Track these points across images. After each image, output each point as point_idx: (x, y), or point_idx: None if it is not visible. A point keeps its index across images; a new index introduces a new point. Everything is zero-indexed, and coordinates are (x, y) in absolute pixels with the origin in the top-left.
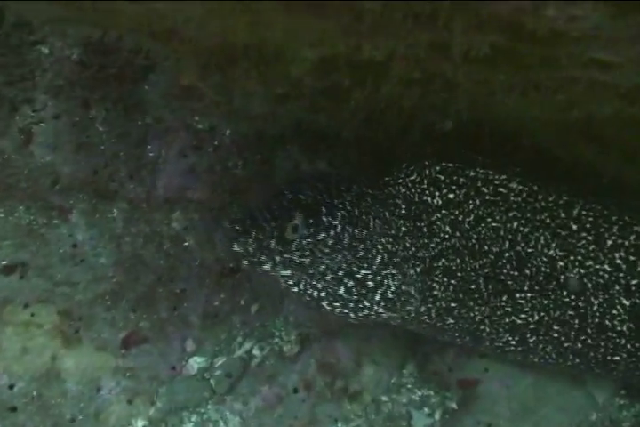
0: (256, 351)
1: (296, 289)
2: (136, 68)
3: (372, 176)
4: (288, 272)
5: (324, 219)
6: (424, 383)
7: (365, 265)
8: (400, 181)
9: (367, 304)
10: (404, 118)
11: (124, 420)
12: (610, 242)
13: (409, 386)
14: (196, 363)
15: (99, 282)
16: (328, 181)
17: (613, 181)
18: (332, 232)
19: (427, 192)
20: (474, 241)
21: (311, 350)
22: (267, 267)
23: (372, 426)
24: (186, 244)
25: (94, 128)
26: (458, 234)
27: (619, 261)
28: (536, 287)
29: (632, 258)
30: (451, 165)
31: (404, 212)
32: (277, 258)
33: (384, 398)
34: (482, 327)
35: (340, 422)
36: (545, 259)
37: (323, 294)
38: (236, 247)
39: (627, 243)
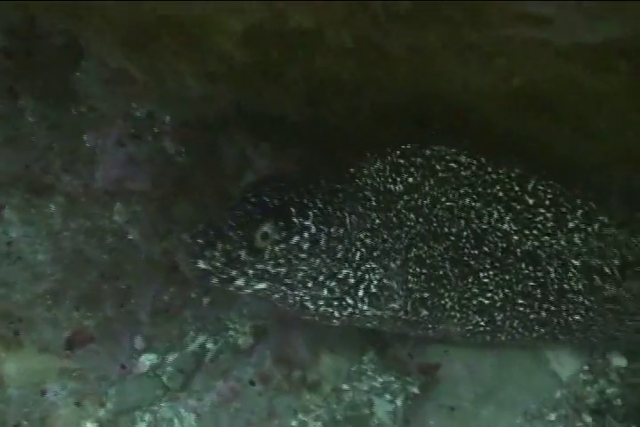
0: (210, 345)
1: (273, 299)
2: (65, 55)
3: (332, 166)
4: (263, 286)
5: (296, 220)
6: (385, 370)
7: (346, 264)
8: (365, 171)
9: (351, 302)
10: (348, 95)
11: (73, 423)
12: (571, 224)
13: (369, 373)
14: (147, 360)
15: (37, 281)
16: (292, 179)
17: (567, 156)
18: (305, 234)
19: (389, 180)
20: (435, 224)
21: (267, 342)
22: (239, 283)
23: (334, 416)
24: (130, 237)
25: (23, 119)
26: (421, 220)
27: (577, 241)
28: (496, 264)
29: (591, 240)
30: (409, 146)
31: (374, 204)
32: (250, 271)
33: (344, 387)
34: (453, 314)
35: (299, 413)
36: (500, 234)
37: (306, 298)
38: (201, 264)
39: (590, 229)
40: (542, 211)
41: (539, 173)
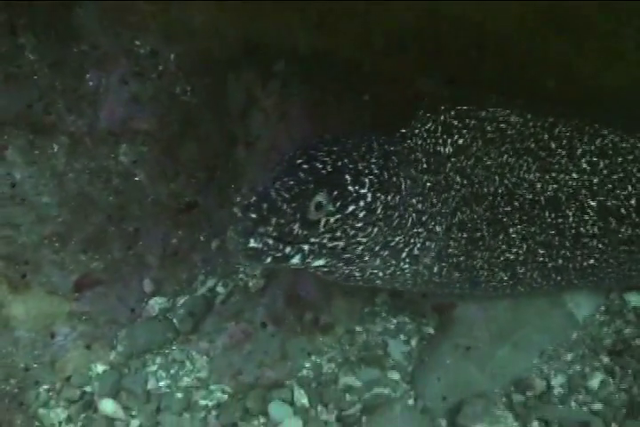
0: (220, 288)
1: (325, 270)
2: None
3: (381, 126)
4: (321, 262)
5: (351, 189)
6: (398, 311)
7: (399, 232)
8: (417, 131)
9: (394, 262)
10: (364, 24)
11: (83, 366)
12: (579, 151)
13: (383, 315)
14: (156, 304)
15: (43, 223)
16: (344, 142)
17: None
18: (361, 203)
19: (440, 141)
20: (476, 186)
21: (278, 284)
22: (296, 260)
23: (347, 357)
24: (136, 179)
25: (24, 57)
26: (465, 182)
27: (585, 166)
28: (524, 217)
29: (595, 159)
30: (465, 107)
31: (425, 166)
32: (305, 247)
33: (358, 329)
34: (481, 272)
35: (313, 355)
36: (526, 185)
37: (356, 270)
38: (253, 243)
39: (592, 147)
40: (559, 151)
41: (565, 114)
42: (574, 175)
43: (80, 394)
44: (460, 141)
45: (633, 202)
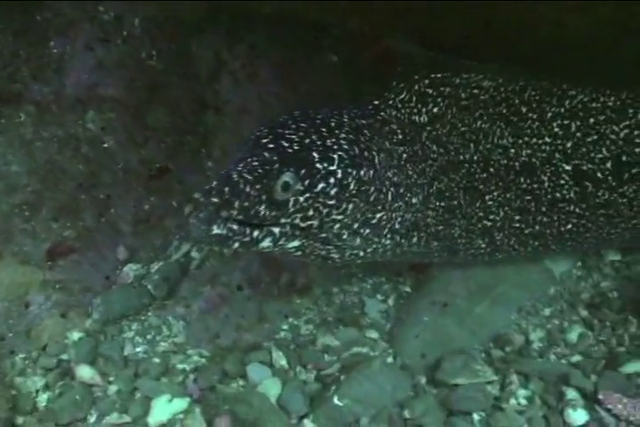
0: (194, 253)
1: (299, 254)
2: None
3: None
4: (296, 243)
5: (319, 166)
6: (374, 272)
7: (379, 208)
8: (390, 102)
9: (376, 240)
10: None
11: (59, 334)
12: (550, 114)
13: (359, 275)
14: (131, 271)
15: (12, 192)
16: (312, 118)
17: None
18: (332, 180)
19: (414, 110)
20: (452, 154)
21: None
22: (267, 244)
23: (325, 318)
24: (105, 145)
25: None
26: (442, 150)
27: (556, 130)
28: (500, 184)
29: (566, 122)
30: (439, 75)
31: (400, 137)
32: (276, 229)
33: (335, 290)
34: (459, 241)
35: (290, 317)
36: (501, 150)
37: (334, 250)
38: (216, 230)
39: (562, 110)
40: (530, 115)
41: (535, 77)
42: (547, 139)
43: (56, 362)
44: (435, 110)
45: (609, 165)
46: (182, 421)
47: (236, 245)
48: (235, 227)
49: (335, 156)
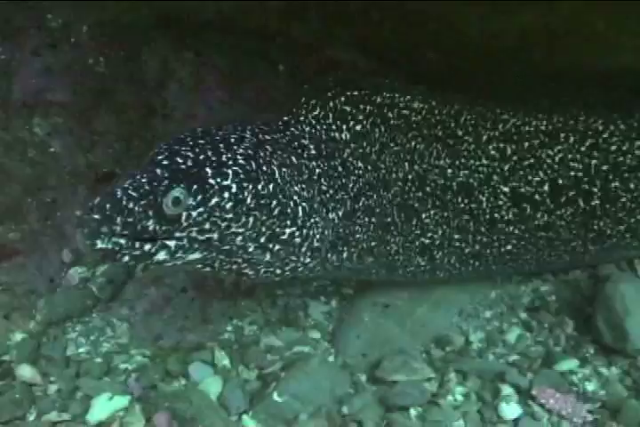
0: None
1: (209, 269)
2: None
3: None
4: (197, 255)
5: (212, 181)
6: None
7: (289, 222)
8: (302, 118)
9: (294, 259)
10: None
11: (1, 336)
12: (485, 137)
13: (303, 279)
14: (76, 273)
15: None
16: (213, 135)
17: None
18: (226, 194)
19: (333, 127)
20: (383, 172)
21: None
22: (162, 257)
23: (269, 319)
24: (52, 150)
25: None
26: (369, 167)
27: (493, 152)
28: (437, 202)
29: (502, 145)
30: (356, 93)
31: (314, 152)
32: (171, 242)
33: (279, 292)
34: (397, 257)
35: (234, 318)
36: (437, 171)
37: (244, 265)
38: (100, 244)
39: (497, 133)
40: (466, 138)
41: (471, 102)
42: (484, 161)
43: None
44: (358, 128)
45: (546, 188)
46: (122, 418)
47: (126, 258)
48: (122, 241)
49: (230, 171)
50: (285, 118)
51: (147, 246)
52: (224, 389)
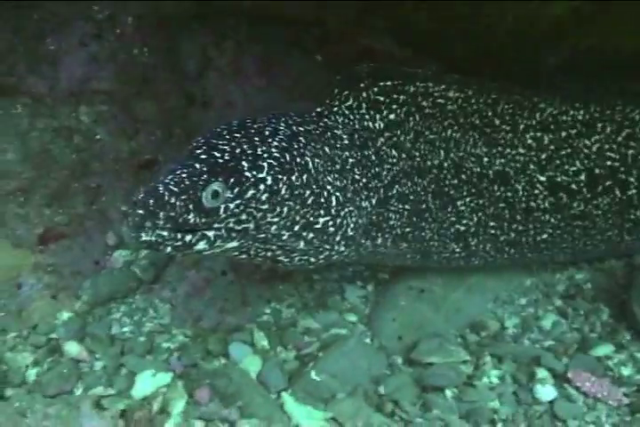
0: None
1: (245, 257)
2: None
3: (296, 105)
4: (235, 244)
5: (248, 174)
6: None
7: (322, 211)
8: (335, 109)
9: (328, 247)
10: None
11: (49, 315)
12: (522, 126)
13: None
14: (120, 256)
15: (8, 179)
16: (248, 127)
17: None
18: (262, 186)
19: (367, 117)
20: (418, 159)
21: None
22: (202, 246)
23: (306, 303)
24: (97, 137)
25: None
26: (404, 155)
27: (530, 141)
28: (472, 190)
29: (539, 134)
30: (389, 83)
31: (346, 142)
32: (210, 233)
33: (316, 277)
34: (431, 243)
35: (273, 301)
36: (474, 159)
37: (279, 252)
38: (145, 237)
39: (534, 122)
40: (504, 127)
41: (508, 90)
42: (521, 150)
43: (46, 340)
44: (392, 116)
45: (583, 177)
46: (165, 394)
47: (169, 249)
48: (164, 233)
49: (265, 164)
50: (319, 109)
51: (187, 237)
52: (263, 368)
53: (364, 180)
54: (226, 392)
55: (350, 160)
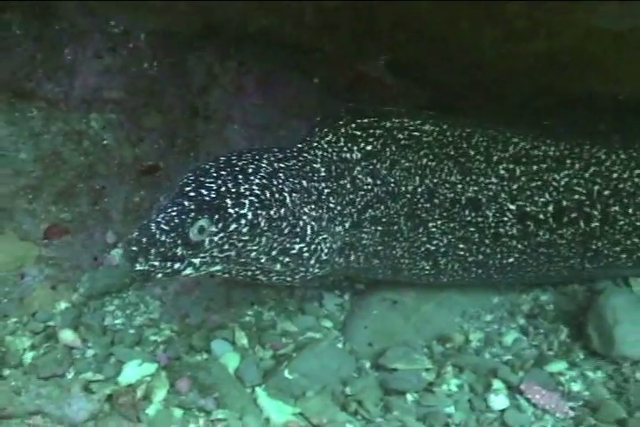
0: None
1: (227, 276)
2: None
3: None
4: (218, 267)
5: (231, 211)
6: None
7: (298, 239)
8: (315, 144)
9: (303, 269)
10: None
11: (48, 304)
12: (495, 157)
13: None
14: (117, 254)
15: (19, 176)
16: (233, 165)
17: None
18: (242, 221)
19: (345, 149)
20: (392, 185)
21: None
22: (188, 271)
23: (286, 307)
24: (105, 142)
25: (11, 31)
26: (378, 182)
27: (502, 172)
28: (444, 214)
29: (511, 166)
30: (366, 120)
31: (324, 174)
32: (196, 260)
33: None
34: (402, 260)
35: (256, 304)
36: (448, 185)
37: (257, 272)
38: (139, 267)
39: (507, 155)
40: (478, 157)
41: (484, 126)
42: (494, 180)
43: (44, 327)
44: (369, 148)
45: (550, 208)
46: (149, 382)
47: (160, 275)
48: (156, 263)
49: (246, 201)
50: (300, 145)
51: (176, 265)
52: (241, 364)
53: (339, 207)
54: (204, 384)
55: (326, 191)
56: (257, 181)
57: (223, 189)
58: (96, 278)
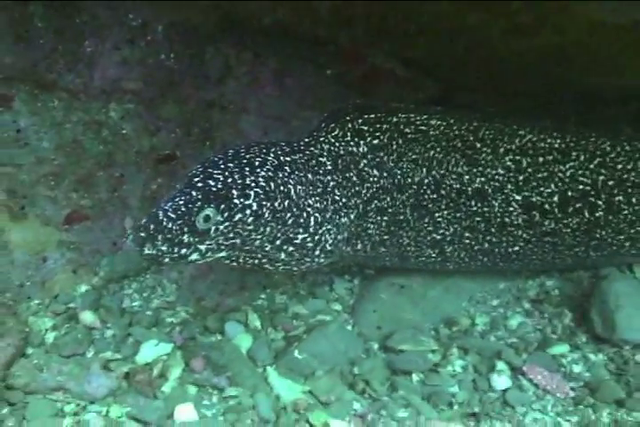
0: None
1: (235, 264)
2: None
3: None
4: (223, 253)
5: (237, 202)
6: None
7: (301, 230)
8: (322, 139)
9: (308, 259)
10: None
11: (69, 287)
12: (502, 149)
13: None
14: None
15: (41, 164)
16: (241, 158)
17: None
18: (247, 211)
19: (351, 143)
20: (399, 177)
21: None
22: (195, 257)
23: (298, 291)
24: (123, 132)
25: (33, 23)
26: (385, 174)
27: (509, 163)
28: (450, 204)
29: (518, 157)
30: (373, 116)
31: (329, 168)
32: (202, 247)
33: None
34: (408, 249)
35: (268, 288)
36: (455, 176)
37: (264, 260)
38: (147, 250)
39: (513, 146)
40: (485, 149)
41: (491, 120)
42: (500, 171)
43: (65, 309)
44: (376, 142)
45: (556, 199)
46: (165, 361)
47: (167, 260)
48: (164, 248)
49: (252, 192)
50: (307, 139)
51: (183, 250)
52: (253, 345)
53: (344, 199)
54: (218, 363)
55: (332, 183)
56: (263, 173)
57: (230, 180)
58: (115, 262)
